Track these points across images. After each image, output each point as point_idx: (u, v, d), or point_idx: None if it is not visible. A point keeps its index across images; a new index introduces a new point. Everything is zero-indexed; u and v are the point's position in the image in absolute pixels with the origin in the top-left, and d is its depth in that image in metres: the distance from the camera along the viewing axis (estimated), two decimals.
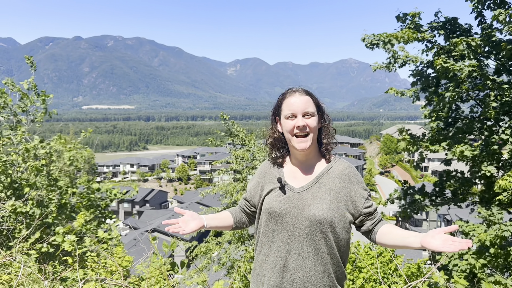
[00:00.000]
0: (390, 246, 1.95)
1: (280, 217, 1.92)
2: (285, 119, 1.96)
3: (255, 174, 2.20)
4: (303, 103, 1.93)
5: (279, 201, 1.95)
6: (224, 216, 2.18)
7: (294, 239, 1.88)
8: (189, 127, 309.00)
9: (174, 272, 2.73)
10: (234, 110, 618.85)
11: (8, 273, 3.60)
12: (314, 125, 1.93)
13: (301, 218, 1.88)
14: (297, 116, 1.92)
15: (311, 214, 1.86)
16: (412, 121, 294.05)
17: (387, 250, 8.08)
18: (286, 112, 1.95)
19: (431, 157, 69.06)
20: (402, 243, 1.84)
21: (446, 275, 3.95)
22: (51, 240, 4.30)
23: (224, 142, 10.34)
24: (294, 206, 1.91)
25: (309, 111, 1.92)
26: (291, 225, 1.89)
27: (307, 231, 1.86)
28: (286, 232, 1.90)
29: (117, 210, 62.72)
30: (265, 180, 2.09)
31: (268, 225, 1.97)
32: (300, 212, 1.89)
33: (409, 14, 9.38)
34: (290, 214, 1.90)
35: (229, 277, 8.79)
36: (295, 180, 2.00)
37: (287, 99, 1.97)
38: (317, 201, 1.89)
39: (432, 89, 9.42)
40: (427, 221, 45.37)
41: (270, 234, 1.96)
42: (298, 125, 1.90)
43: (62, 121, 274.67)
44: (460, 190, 9.48)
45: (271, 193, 2.01)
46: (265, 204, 2.00)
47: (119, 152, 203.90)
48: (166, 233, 32.79)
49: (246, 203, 2.20)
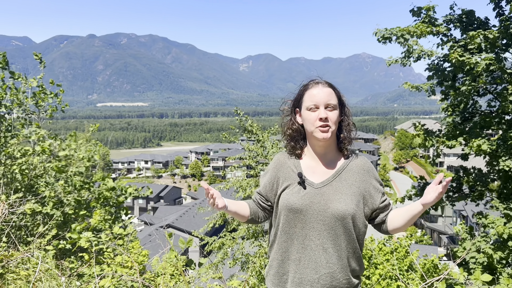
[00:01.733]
0: (401, 227, 1.98)
1: (302, 213, 1.89)
2: (307, 111, 1.91)
3: (268, 168, 2.13)
4: (326, 95, 1.89)
5: (300, 197, 1.91)
6: (242, 205, 2.11)
7: (317, 235, 1.87)
8: (202, 123, 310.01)
9: (191, 268, 2.74)
10: (246, 107, 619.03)
11: (26, 269, 3.65)
12: (335, 118, 1.90)
13: (324, 214, 1.87)
14: (320, 108, 1.88)
15: (334, 209, 1.86)
16: (427, 116, 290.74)
17: (401, 246, 8.01)
18: (308, 104, 1.90)
19: (447, 152, 68.13)
20: (409, 215, 1.90)
21: (465, 271, 3.88)
22: (67, 236, 4.35)
23: (237, 138, 10.36)
24: (316, 202, 1.89)
25: (331, 103, 1.89)
26: (314, 221, 1.87)
27: (330, 227, 1.86)
28: (309, 228, 1.88)
29: (132, 206, 63.35)
30: (281, 174, 2.03)
31: (289, 222, 1.93)
32: (323, 208, 1.87)
33: (424, 7, 9.23)
34: (312, 210, 1.88)
35: (245, 272, 8.81)
36: (314, 175, 1.97)
37: (309, 90, 1.93)
38: (339, 196, 1.89)
39: (448, 83, 9.27)
40: (442, 217, 44.87)
41: (292, 230, 1.92)
42: (321, 116, 1.86)
43: (77, 118, 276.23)
44: (478, 186, 9.33)
45: (289, 189, 1.97)
46: (284, 200, 1.95)
47: (133, 149, 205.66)
48: (181, 229, 33.01)
49: (261, 197, 2.12)
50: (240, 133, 10.17)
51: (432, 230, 45.27)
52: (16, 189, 5.52)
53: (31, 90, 6.45)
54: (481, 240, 8.11)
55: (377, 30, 9.23)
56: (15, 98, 6.18)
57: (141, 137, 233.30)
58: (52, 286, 3.24)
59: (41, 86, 6.43)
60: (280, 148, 9.42)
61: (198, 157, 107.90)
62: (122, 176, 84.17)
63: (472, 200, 9.33)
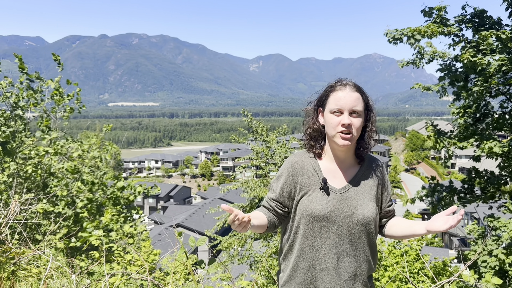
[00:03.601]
0: (397, 236, 1.96)
1: (327, 221, 1.83)
2: (330, 114, 1.82)
3: (282, 171, 1.97)
4: (353, 100, 1.79)
5: (324, 204, 1.83)
6: (259, 216, 1.90)
7: (342, 241, 1.83)
8: (212, 123, 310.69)
9: (201, 268, 2.75)
10: (256, 107, 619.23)
11: (38, 266, 3.70)
12: (358, 125, 1.80)
13: (349, 220, 1.83)
14: (344, 113, 1.78)
15: (360, 215, 1.83)
16: (439, 117, 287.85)
17: (412, 249, 7.96)
18: (332, 106, 1.81)
19: (458, 153, 67.38)
20: (409, 231, 1.86)
21: (476, 274, 3.84)
22: (79, 235, 4.40)
23: (246, 139, 10.41)
24: (340, 208, 1.84)
25: (357, 109, 1.79)
26: (339, 228, 1.83)
27: (354, 232, 1.84)
28: (335, 236, 1.83)
29: (142, 205, 63.74)
30: (299, 178, 1.90)
31: (313, 230, 1.84)
32: (348, 214, 1.83)
33: (435, 8, 9.16)
34: (337, 217, 1.83)
35: (254, 272, 8.83)
36: (335, 180, 1.89)
37: (335, 92, 1.83)
38: (362, 201, 1.86)
39: (460, 84, 9.19)
40: None
41: (317, 240, 1.84)
42: (343, 122, 1.77)
43: (89, 118, 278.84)
44: (490, 187, 9.23)
45: (310, 194, 1.87)
46: (307, 207, 1.85)
47: (144, 148, 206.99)
48: (190, 228, 33.16)
49: (277, 204, 1.95)
50: (247, 134, 10.23)
51: (443, 232, 44.85)
52: (29, 188, 5.60)
53: (48, 91, 6.52)
54: (492, 243, 8.02)
55: (387, 31, 9.20)
56: (31, 98, 6.26)
57: (151, 137, 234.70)
58: (62, 284, 3.28)
59: (58, 87, 6.51)
60: (289, 149, 9.42)
61: (208, 157, 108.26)
62: (134, 176, 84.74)
63: (484, 202, 9.23)
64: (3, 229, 3.74)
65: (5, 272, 3.41)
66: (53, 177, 6.00)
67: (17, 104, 6.06)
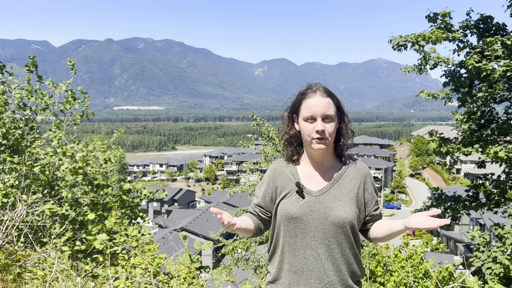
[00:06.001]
0: (381, 238, 1.95)
1: (302, 223, 1.86)
2: (304, 121, 1.86)
3: (264, 178, 2.07)
4: (324, 106, 1.83)
5: (298, 206, 1.87)
6: (246, 220, 2.01)
7: (318, 244, 1.84)
8: (216, 127, 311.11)
9: (205, 272, 2.77)
10: (261, 111, 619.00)
11: (43, 269, 3.73)
12: (332, 130, 1.84)
13: (324, 222, 1.84)
14: (317, 120, 1.82)
15: (334, 217, 1.84)
16: (444, 122, 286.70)
17: (417, 253, 7.94)
18: (305, 114, 1.85)
19: (464, 159, 67.12)
20: (390, 230, 1.86)
21: (480, 281, 3.82)
22: (83, 238, 4.43)
23: (252, 143, 10.44)
24: (316, 210, 1.86)
25: (329, 114, 1.83)
26: (314, 230, 1.84)
27: (331, 235, 1.84)
28: (310, 237, 1.85)
29: (146, 209, 63.84)
30: (278, 183, 1.98)
31: (289, 232, 1.89)
32: (323, 216, 1.85)
33: (440, 13, 9.17)
34: (312, 218, 1.85)
35: (257, 276, 8.83)
36: (312, 183, 1.93)
37: (307, 99, 1.87)
38: (338, 203, 1.87)
39: (465, 90, 9.18)
40: (459, 225, 44.16)
41: (292, 241, 1.88)
42: (317, 129, 1.81)
43: (94, 121, 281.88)
44: (495, 194, 9.20)
45: (288, 197, 1.93)
46: (283, 209, 1.91)
47: (149, 152, 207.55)
48: (195, 232, 33.17)
49: (260, 209, 2.04)
50: (254, 137, 10.24)
51: (448, 238, 44.54)
52: (36, 190, 5.64)
53: (58, 95, 6.61)
54: (497, 251, 7.98)
55: (391, 37, 9.22)
56: (41, 101, 6.33)
57: (156, 141, 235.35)
58: (68, 286, 3.31)
59: (70, 90, 6.60)
60: None
61: (212, 161, 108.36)
62: (138, 179, 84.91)
63: (489, 209, 9.20)
64: (9, 232, 3.77)
65: (11, 274, 3.44)
66: (59, 179, 6.04)
67: (26, 105, 6.14)
